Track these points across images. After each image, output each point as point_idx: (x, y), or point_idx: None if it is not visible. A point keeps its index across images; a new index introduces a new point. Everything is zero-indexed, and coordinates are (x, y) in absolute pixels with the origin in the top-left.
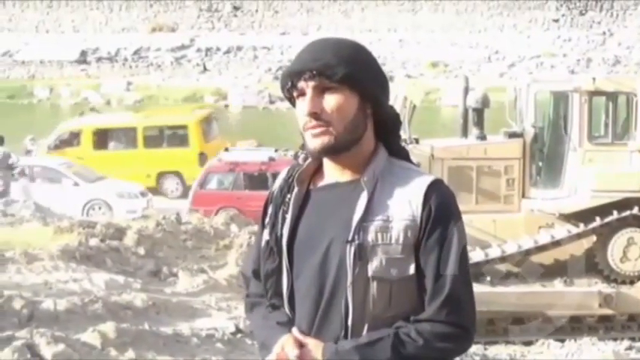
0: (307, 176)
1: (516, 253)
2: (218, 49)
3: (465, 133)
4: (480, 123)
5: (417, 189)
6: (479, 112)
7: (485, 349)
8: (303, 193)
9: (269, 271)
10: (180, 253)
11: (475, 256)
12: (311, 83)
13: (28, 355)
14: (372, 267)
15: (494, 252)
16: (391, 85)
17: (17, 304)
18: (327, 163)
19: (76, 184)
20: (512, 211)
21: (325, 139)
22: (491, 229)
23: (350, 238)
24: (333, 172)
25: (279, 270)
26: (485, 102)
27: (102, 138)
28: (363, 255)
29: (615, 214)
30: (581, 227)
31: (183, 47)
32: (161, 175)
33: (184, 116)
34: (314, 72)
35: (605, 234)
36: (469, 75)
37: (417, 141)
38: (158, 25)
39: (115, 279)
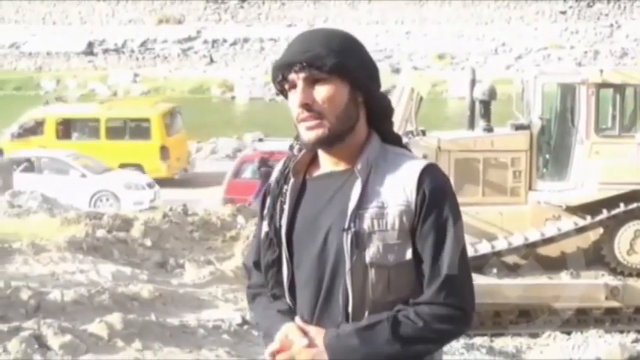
0: (303, 167)
1: (523, 246)
2: (225, 40)
3: (471, 125)
4: (486, 115)
5: (411, 174)
6: (486, 104)
7: (492, 341)
8: (300, 183)
9: (269, 261)
10: (187, 245)
11: (481, 248)
12: (301, 75)
13: (36, 346)
14: (370, 254)
15: (501, 244)
16: (397, 77)
17: (24, 295)
18: (322, 153)
19: (83, 175)
20: (518, 204)
21: (319, 132)
22: (498, 221)
23: (346, 227)
24: (328, 162)
25: (279, 260)
26: (492, 94)
27: (65, 128)
28: (360, 242)
29: (622, 207)
30: (588, 220)
31: (189, 39)
32: (122, 167)
33: (147, 109)
34: (304, 63)
35: (612, 226)
36: (476, 67)
37: (423, 133)
38: (165, 16)
39: (122, 270)
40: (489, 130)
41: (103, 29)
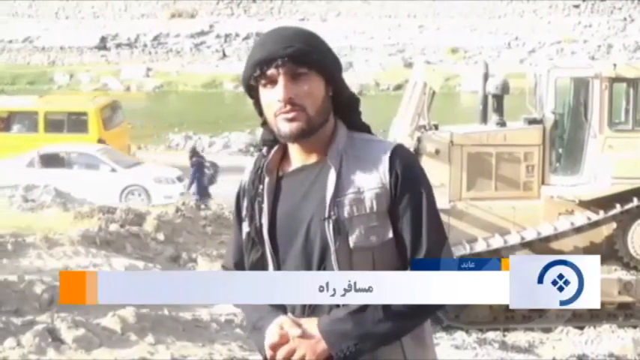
0: (275, 165)
1: (536, 240)
2: (237, 35)
3: (484, 119)
4: (499, 109)
5: (381, 157)
6: (498, 99)
7: (504, 335)
8: (275, 181)
9: (254, 260)
10: (200, 239)
11: (494, 242)
12: (282, 70)
13: (49, 340)
14: (353, 238)
15: (514, 239)
16: (410, 72)
17: (38, 289)
18: (293, 149)
19: (113, 169)
20: (531, 198)
21: (300, 124)
22: (511, 215)
23: (326, 215)
24: (299, 156)
25: (263, 259)
26: (504, 88)
27: (4, 121)
28: (342, 228)
29: (635, 201)
30: (601, 214)
31: (202, 33)
32: None
33: (84, 103)
34: (286, 58)
35: (625, 221)
36: (489, 61)
37: (436, 127)
38: (177, 11)
39: (135, 264)
40: (502, 124)
41: (116, 24)
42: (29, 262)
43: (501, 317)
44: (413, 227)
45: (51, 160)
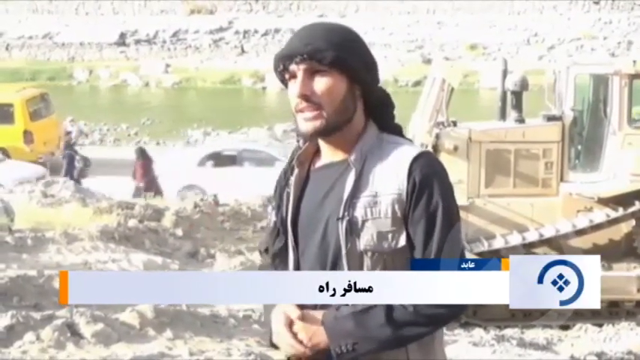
0: (307, 157)
1: (554, 237)
2: (256, 31)
3: (503, 116)
4: (518, 106)
5: (403, 162)
6: (517, 95)
7: (522, 332)
8: (304, 174)
9: (276, 250)
10: (218, 235)
11: (512, 239)
12: (302, 66)
13: (68, 334)
14: (364, 241)
15: (532, 236)
16: (429, 68)
17: (57, 284)
18: (323, 144)
19: None
20: (550, 195)
21: (317, 123)
22: (529, 212)
23: (340, 215)
24: (328, 153)
25: (285, 248)
26: (524, 85)
27: None
28: (354, 230)
29: None
30: (620, 211)
31: (221, 29)
32: None
33: (11, 95)
34: (304, 55)
35: None
36: (508, 57)
37: (454, 124)
38: (196, 7)
39: (153, 260)
40: (521, 121)
41: (135, 20)
42: (49, 257)
43: (520, 314)
44: (424, 238)
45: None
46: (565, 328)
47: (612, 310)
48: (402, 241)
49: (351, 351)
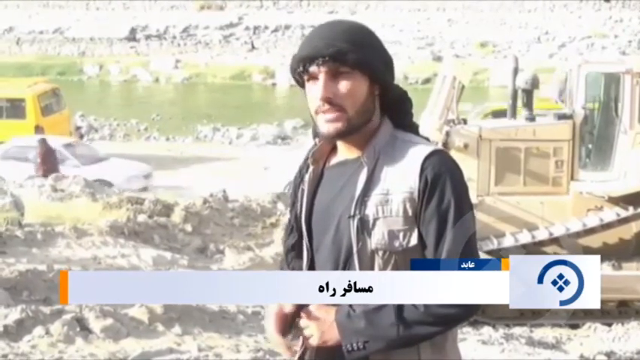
0: (322, 155)
1: (564, 236)
2: (266, 27)
3: (513, 114)
4: (529, 104)
5: (415, 160)
6: (528, 93)
7: (531, 331)
8: (319, 171)
9: (290, 246)
10: (227, 231)
11: (522, 237)
12: (324, 68)
13: (77, 329)
14: (375, 240)
15: (542, 234)
16: (439, 66)
17: None
18: (339, 142)
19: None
20: (560, 194)
21: (339, 125)
22: (539, 211)
23: (352, 213)
24: (343, 150)
25: (299, 245)
26: (534, 83)
27: None
28: (365, 228)
29: None
30: (631, 210)
31: (231, 25)
32: None
33: (23, 90)
34: (327, 57)
35: None
36: (518, 55)
37: (464, 121)
38: (207, 3)
39: (163, 255)
40: (531, 119)
41: (146, 15)
42: (58, 251)
43: (528, 313)
44: (435, 238)
45: None
46: (574, 327)
47: (622, 310)
48: (414, 240)
49: (361, 349)
